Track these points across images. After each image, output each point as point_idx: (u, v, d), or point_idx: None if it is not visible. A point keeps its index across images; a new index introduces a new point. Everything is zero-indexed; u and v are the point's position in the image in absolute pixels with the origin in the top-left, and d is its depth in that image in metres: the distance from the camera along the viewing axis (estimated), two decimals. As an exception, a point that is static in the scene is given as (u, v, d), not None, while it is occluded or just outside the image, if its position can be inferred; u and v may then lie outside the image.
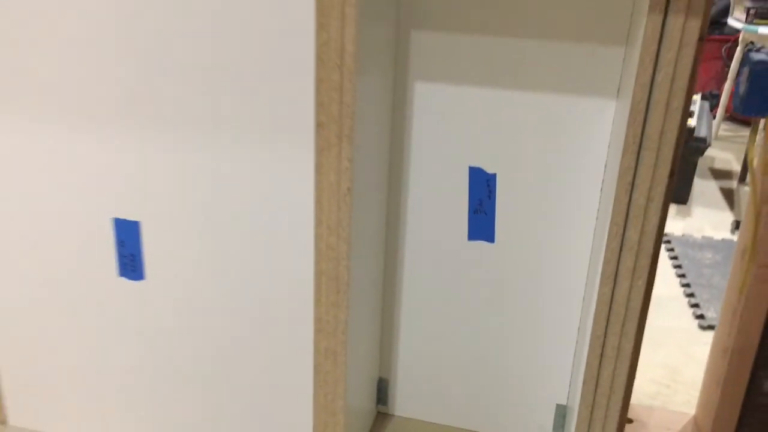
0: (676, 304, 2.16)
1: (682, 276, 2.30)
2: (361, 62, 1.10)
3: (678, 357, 1.88)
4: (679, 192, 2.82)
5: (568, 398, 1.46)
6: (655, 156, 1.03)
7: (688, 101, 1.02)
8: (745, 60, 1.24)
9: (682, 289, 2.23)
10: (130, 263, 1.31)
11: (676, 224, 2.71)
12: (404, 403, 1.58)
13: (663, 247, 2.53)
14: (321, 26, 1.06)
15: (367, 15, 1.10)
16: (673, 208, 2.83)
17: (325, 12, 1.05)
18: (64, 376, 1.44)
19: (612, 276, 1.14)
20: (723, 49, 3.97)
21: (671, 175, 1.06)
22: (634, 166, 1.05)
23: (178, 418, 1.42)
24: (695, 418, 1.52)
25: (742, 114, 1.23)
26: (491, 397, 1.52)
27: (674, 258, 2.42)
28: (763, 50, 1.26)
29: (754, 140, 1.30)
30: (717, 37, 3.96)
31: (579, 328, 1.40)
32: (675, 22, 0.96)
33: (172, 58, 1.14)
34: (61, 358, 1.42)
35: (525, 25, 1.23)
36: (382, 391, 1.58)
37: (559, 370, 1.45)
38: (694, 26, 0.96)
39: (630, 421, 1.51)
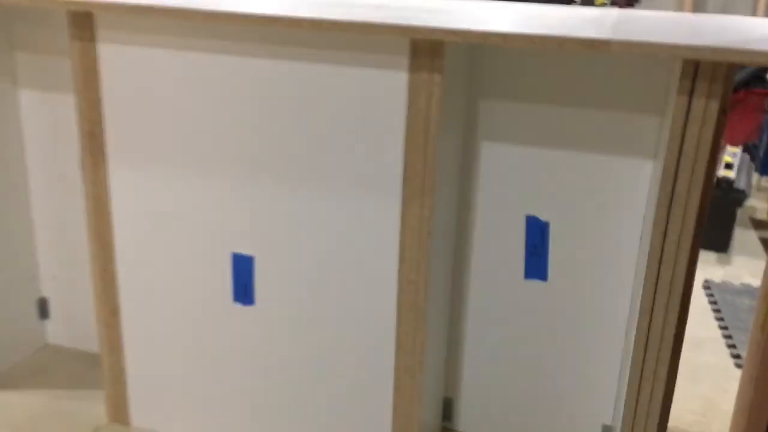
0: (715, 344, 2.33)
1: (720, 319, 2.47)
2: (442, 129, 1.36)
3: (715, 391, 2.05)
4: (719, 241, 2.99)
5: (612, 418, 1.66)
6: (683, 211, 1.26)
7: (712, 166, 1.25)
8: (764, 125, 1.47)
9: (721, 331, 2.40)
10: (244, 291, 1.58)
11: (716, 271, 2.88)
12: (466, 421, 1.80)
13: (703, 292, 2.70)
14: (412, 101, 1.33)
15: (447, 90, 1.37)
16: (713, 256, 3.00)
17: (415, 90, 1.32)
18: (184, 383, 1.70)
19: (649, 310, 1.35)
20: (766, 102, 4.15)
21: (698, 226, 1.28)
22: (665, 218, 1.28)
23: (275, 420, 1.67)
24: (728, 443, 1.70)
25: (761, 175, 1.45)
26: (545, 416, 1.72)
27: (714, 303, 2.59)
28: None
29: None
30: (759, 90, 4.15)
31: (622, 356, 1.61)
32: (698, 103, 1.20)
33: (289, 127, 1.43)
34: (183, 367, 1.69)
35: (576, 95, 1.49)
36: (447, 409, 1.80)
37: (605, 393, 1.65)
38: (714, 107, 1.20)
39: (668, 442, 1.70)
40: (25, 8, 1.79)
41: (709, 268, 2.89)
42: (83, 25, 1.49)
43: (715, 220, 2.93)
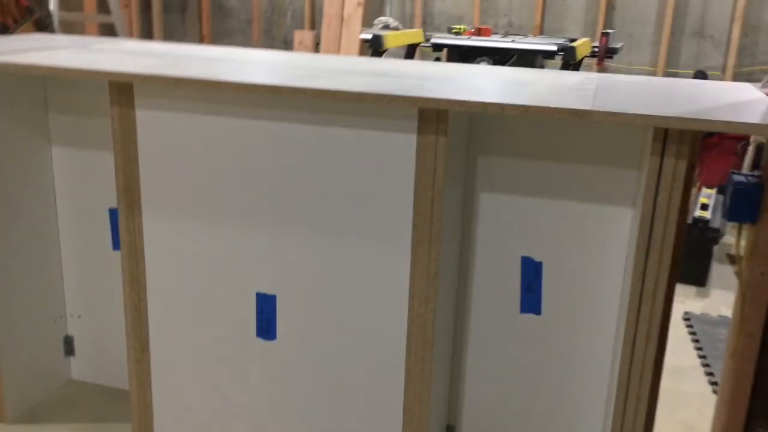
0: (694, 372, 2.50)
1: (699, 349, 2.65)
2: (446, 183, 1.55)
3: (694, 417, 2.22)
4: (697, 275, 3.19)
5: (601, 441, 1.82)
6: (659, 253, 1.45)
7: (683, 214, 1.44)
8: (729, 179, 1.66)
9: (699, 360, 2.58)
10: (266, 327, 1.74)
11: (695, 304, 3.07)
12: (467, 446, 1.95)
13: (683, 323, 2.89)
14: (420, 159, 1.52)
15: (451, 149, 1.56)
16: (692, 290, 3.19)
17: (423, 151, 1.51)
18: (207, 414, 1.85)
19: (631, 339, 1.53)
20: (738, 147, 4.39)
21: (673, 266, 1.47)
22: (644, 260, 1.46)
23: (293, 428, 1.82)
24: (706, 463, 1.87)
25: (729, 221, 1.65)
26: (539, 440, 1.89)
27: (693, 333, 2.77)
28: (749, 174, 1.67)
29: (739, 239, 1.70)
30: (733, 135, 4.39)
31: (609, 382, 1.77)
32: (669, 162, 1.40)
33: (309, 181, 1.61)
34: (207, 399, 1.83)
35: (563, 151, 1.68)
36: (450, 436, 1.96)
37: (595, 416, 1.82)
38: (682, 165, 1.39)
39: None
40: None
41: (688, 301, 3.08)
42: (123, 93, 1.67)
43: (694, 257, 3.13)
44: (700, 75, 4.79)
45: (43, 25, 3.88)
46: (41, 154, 2.03)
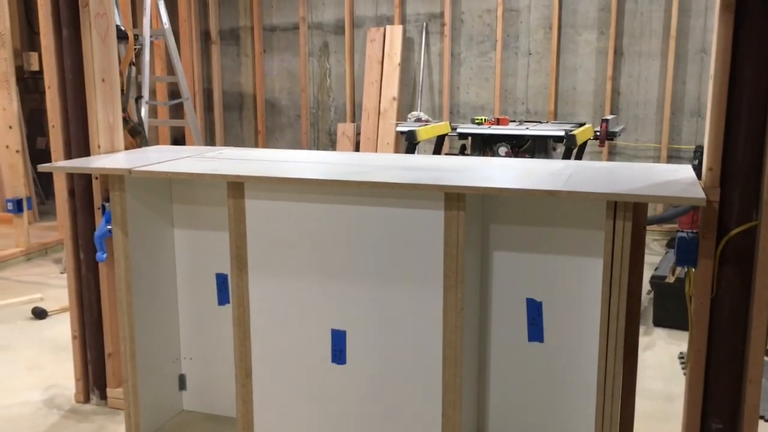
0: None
1: (689, 380, 3.18)
2: (466, 243, 2.19)
3: (679, 429, 2.74)
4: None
5: (595, 439, 2.37)
6: (618, 287, 2.06)
7: (635, 259, 2.05)
8: (676, 236, 2.27)
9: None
10: (339, 355, 2.37)
11: (690, 346, 3.59)
12: (493, 449, 2.52)
13: (678, 362, 3.41)
14: (447, 228, 2.17)
15: (470, 219, 2.21)
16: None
17: (448, 222, 2.16)
18: (296, 425, 2.46)
19: (605, 349, 2.12)
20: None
21: (631, 297, 2.08)
22: (608, 293, 2.07)
23: (360, 451, 2.41)
24: (681, 457, 2.40)
25: (678, 265, 2.25)
26: (548, 442, 2.44)
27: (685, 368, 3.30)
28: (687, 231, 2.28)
29: (690, 280, 2.29)
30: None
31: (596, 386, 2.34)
32: (619, 223, 2.03)
33: (369, 246, 2.27)
34: (296, 413, 2.45)
35: (553, 219, 2.31)
36: (480, 441, 2.53)
37: (587, 415, 2.37)
38: (628, 225, 2.02)
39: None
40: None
41: (683, 343, 3.61)
42: (237, 189, 2.37)
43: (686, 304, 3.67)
44: (700, 149, 5.41)
45: (136, 132, 4.68)
46: (167, 234, 2.74)
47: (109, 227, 2.66)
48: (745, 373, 2.19)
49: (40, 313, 3.98)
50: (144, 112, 4.84)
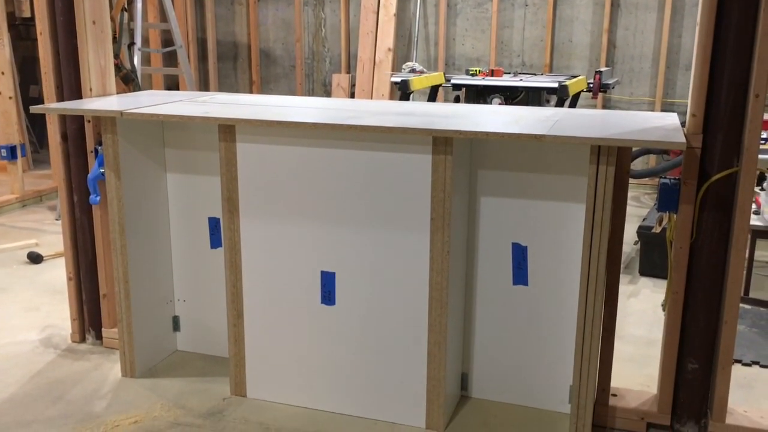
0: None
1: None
2: (453, 188, 2.23)
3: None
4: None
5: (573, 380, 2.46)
6: (600, 230, 2.11)
7: (618, 203, 2.10)
8: (659, 183, 2.31)
9: (670, 334, 3.18)
10: (328, 296, 2.43)
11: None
12: (478, 389, 2.60)
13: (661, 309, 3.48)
14: (434, 172, 2.21)
15: (457, 164, 2.25)
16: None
17: (436, 166, 2.20)
18: (285, 363, 2.53)
19: (585, 289, 2.18)
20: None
21: (611, 236, 2.13)
22: (590, 236, 2.12)
23: (346, 382, 2.49)
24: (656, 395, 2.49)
25: (658, 211, 2.30)
26: (532, 380, 2.52)
27: (668, 316, 3.38)
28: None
29: (672, 226, 2.34)
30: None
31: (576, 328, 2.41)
32: (602, 168, 2.07)
33: (357, 190, 2.31)
34: (285, 352, 2.52)
35: (539, 165, 2.35)
36: (464, 381, 2.61)
37: (570, 362, 2.45)
38: (611, 170, 2.06)
39: (614, 395, 2.49)
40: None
41: (668, 292, 3.68)
42: (228, 132, 2.40)
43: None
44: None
45: (129, 79, 4.66)
46: (160, 178, 2.77)
47: (102, 170, 2.69)
48: (721, 316, 2.26)
49: (35, 258, 4.04)
50: (137, 59, 4.82)
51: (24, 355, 2.94)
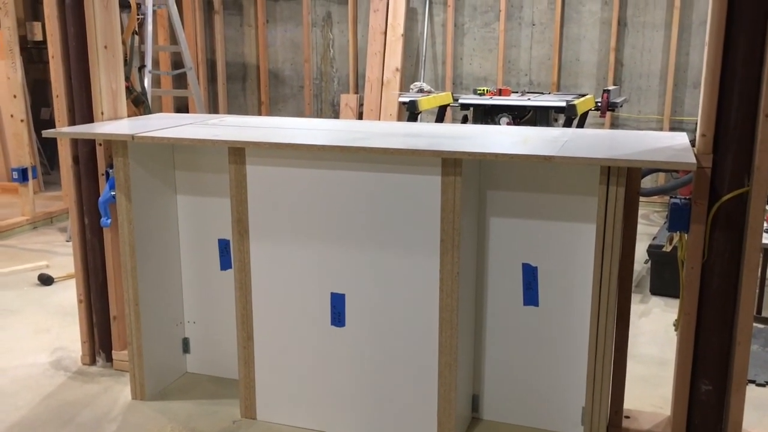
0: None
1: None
2: (463, 209, 2.23)
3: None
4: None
5: (585, 402, 2.43)
6: (611, 251, 2.10)
7: (628, 222, 2.09)
8: (669, 203, 2.30)
9: (683, 354, 3.16)
10: (338, 317, 2.43)
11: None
12: (489, 411, 2.58)
13: (673, 329, 3.46)
14: (443, 193, 2.21)
15: (466, 185, 2.25)
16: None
17: (445, 187, 2.20)
18: (295, 385, 2.52)
19: (596, 310, 2.17)
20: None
21: (622, 259, 2.12)
22: (601, 257, 2.11)
23: (358, 404, 2.48)
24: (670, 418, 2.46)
25: (669, 231, 2.30)
26: (543, 401, 2.50)
27: (680, 335, 3.35)
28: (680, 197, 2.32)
29: (683, 245, 2.33)
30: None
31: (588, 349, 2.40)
32: (612, 188, 2.06)
33: (367, 211, 2.31)
34: (295, 374, 2.51)
35: (548, 185, 2.35)
36: (475, 402, 2.59)
37: (581, 383, 2.43)
38: (621, 190, 2.05)
39: (627, 417, 2.46)
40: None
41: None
42: (238, 154, 2.41)
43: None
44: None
45: (139, 101, 4.70)
46: (170, 200, 2.79)
47: (112, 193, 2.70)
48: (734, 336, 2.24)
49: (46, 280, 4.05)
50: (147, 81, 4.86)
51: (34, 378, 2.94)
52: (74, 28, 2.76)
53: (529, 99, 4.59)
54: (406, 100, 4.59)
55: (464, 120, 4.88)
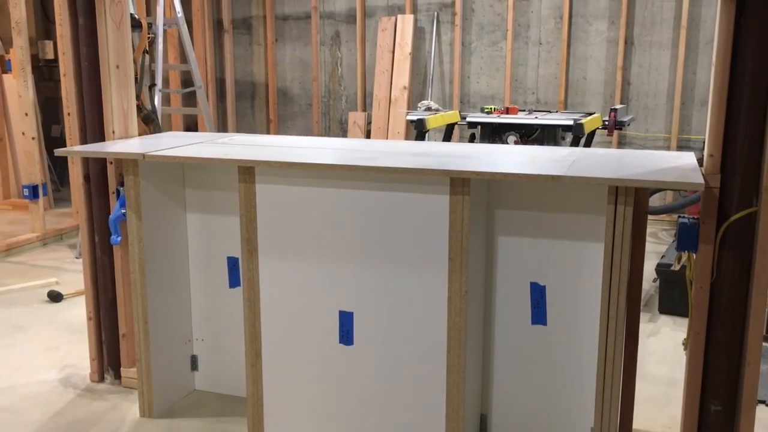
0: (686, 383, 3.06)
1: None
2: (471, 228, 2.24)
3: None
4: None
5: (594, 422, 2.42)
6: (619, 270, 2.10)
7: (636, 243, 2.09)
8: (678, 222, 2.30)
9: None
10: (346, 336, 2.43)
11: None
12: (498, 430, 2.57)
13: (682, 347, 3.44)
14: (452, 212, 2.22)
15: (474, 204, 2.26)
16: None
17: (453, 206, 2.21)
18: (303, 403, 2.52)
19: (605, 328, 2.17)
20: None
21: (631, 277, 2.12)
22: (609, 276, 2.11)
23: (366, 423, 2.47)
24: (681, 439, 2.44)
25: (677, 251, 2.29)
26: (552, 422, 2.49)
27: (689, 355, 3.33)
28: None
29: (691, 265, 2.33)
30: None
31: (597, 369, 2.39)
32: (620, 208, 2.07)
33: (376, 230, 2.32)
34: (303, 392, 2.51)
35: (556, 204, 2.36)
36: (483, 423, 2.58)
37: (590, 403, 2.42)
38: (629, 210, 2.06)
39: (637, 437, 2.45)
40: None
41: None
42: (248, 173, 2.43)
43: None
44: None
45: (149, 119, 4.74)
46: (180, 218, 2.81)
47: (123, 211, 2.73)
48: (743, 357, 2.23)
49: (55, 297, 4.07)
50: (158, 100, 4.91)
51: (43, 395, 2.95)
52: (87, 48, 2.80)
53: (536, 117, 4.61)
54: (414, 118, 4.62)
55: (471, 138, 4.90)
